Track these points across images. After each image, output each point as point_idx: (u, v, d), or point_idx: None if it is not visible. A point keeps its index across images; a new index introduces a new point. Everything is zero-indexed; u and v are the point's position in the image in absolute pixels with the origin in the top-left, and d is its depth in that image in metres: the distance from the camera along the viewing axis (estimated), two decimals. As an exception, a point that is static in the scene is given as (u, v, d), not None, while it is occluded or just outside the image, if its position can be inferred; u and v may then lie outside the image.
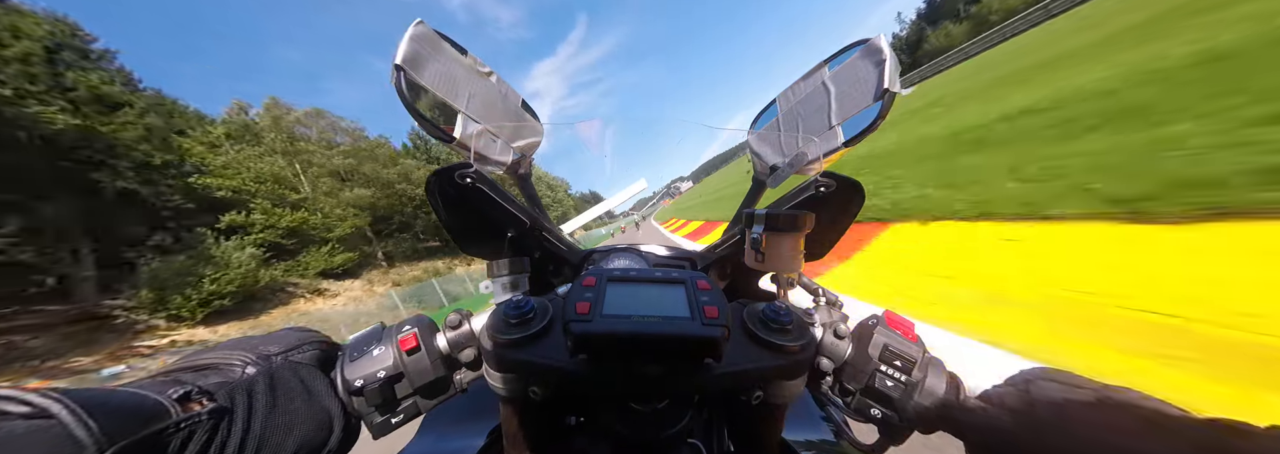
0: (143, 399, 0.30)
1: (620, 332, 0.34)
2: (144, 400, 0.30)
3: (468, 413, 0.69)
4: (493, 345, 0.39)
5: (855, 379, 0.43)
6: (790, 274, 0.48)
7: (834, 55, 0.69)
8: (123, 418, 0.28)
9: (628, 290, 0.39)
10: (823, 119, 0.67)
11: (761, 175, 0.80)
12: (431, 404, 0.44)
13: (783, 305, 0.41)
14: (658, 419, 0.43)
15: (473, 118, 0.64)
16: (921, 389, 0.41)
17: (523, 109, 0.90)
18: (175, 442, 0.29)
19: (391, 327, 0.45)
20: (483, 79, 0.77)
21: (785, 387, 0.42)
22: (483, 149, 0.65)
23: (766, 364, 0.38)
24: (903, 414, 0.41)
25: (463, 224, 0.59)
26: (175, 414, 0.30)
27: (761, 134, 0.83)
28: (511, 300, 0.41)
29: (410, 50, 0.54)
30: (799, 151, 0.70)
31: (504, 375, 0.41)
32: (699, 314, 0.35)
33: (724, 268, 0.77)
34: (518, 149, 0.84)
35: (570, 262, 0.77)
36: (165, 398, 0.31)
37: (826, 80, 0.69)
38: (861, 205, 0.56)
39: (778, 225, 0.46)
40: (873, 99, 0.57)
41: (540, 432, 0.48)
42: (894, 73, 0.55)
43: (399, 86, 0.53)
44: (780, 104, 0.82)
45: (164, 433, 0.29)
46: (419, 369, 0.41)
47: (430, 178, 0.53)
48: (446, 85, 0.60)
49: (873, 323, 0.45)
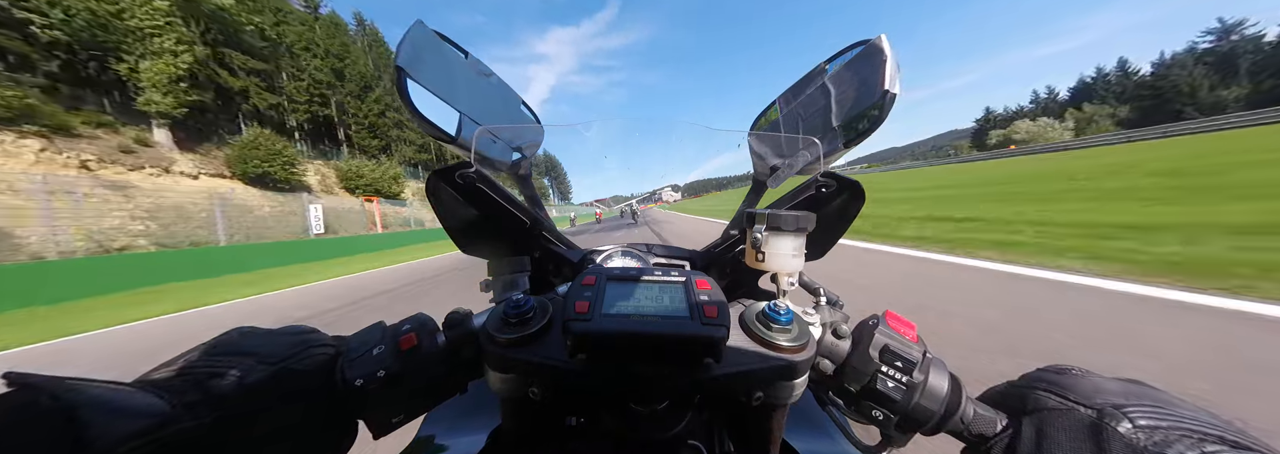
0: (148, 399, 0.30)
1: (619, 331, 0.34)
2: (149, 401, 0.30)
3: (468, 413, 0.69)
4: (492, 345, 0.39)
5: (856, 380, 0.43)
6: (790, 274, 0.48)
7: (835, 55, 0.69)
8: (128, 417, 0.28)
9: (627, 290, 0.39)
10: (823, 119, 0.67)
11: (762, 175, 0.80)
12: (431, 404, 0.44)
13: (783, 305, 0.41)
14: (658, 420, 0.43)
15: (473, 118, 0.65)
16: (923, 391, 0.41)
17: (523, 109, 0.91)
18: (177, 444, 0.29)
19: (391, 326, 0.45)
20: (483, 80, 0.77)
21: (786, 387, 0.41)
22: (483, 149, 0.66)
23: (766, 364, 0.38)
24: (904, 415, 0.41)
25: (462, 224, 0.59)
26: (184, 419, 0.30)
27: (762, 134, 0.83)
28: (511, 300, 0.41)
29: (410, 51, 0.55)
30: (799, 152, 0.70)
31: (503, 375, 0.41)
32: (698, 314, 0.35)
33: (724, 267, 0.77)
34: (517, 149, 0.84)
35: (570, 261, 0.77)
36: (169, 399, 0.30)
37: (827, 81, 0.69)
38: (862, 206, 0.56)
39: (779, 225, 0.46)
40: (873, 100, 0.57)
41: (540, 432, 0.48)
42: (894, 73, 0.55)
43: (400, 87, 0.53)
44: (780, 104, 0.82)
45: (167, 434, 0.29)
46: (419, 369, 0.41)
47: (430, 178, 0.53)
48: (446, 86, 0.61)
49: (873, 323, 0.45)
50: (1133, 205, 7.23)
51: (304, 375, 0.38)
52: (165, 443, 0.28)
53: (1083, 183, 11.68)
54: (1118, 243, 4.78)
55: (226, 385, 0.33)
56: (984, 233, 6.39)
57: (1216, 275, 3.32)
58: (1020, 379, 0.42)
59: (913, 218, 9.19)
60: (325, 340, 0.43)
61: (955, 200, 12.22)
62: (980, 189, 14.74)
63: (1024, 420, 0.37)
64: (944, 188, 17.79)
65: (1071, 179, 12.91)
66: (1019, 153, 52.25)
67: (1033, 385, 0.39)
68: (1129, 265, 3.88)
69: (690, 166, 0.84)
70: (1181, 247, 4.28)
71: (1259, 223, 4.77)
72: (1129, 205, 7.31)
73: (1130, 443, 0.31)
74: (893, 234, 7.30)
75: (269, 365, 0.37)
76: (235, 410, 0.33)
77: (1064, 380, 0.38)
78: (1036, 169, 20.09)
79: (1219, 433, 0.30)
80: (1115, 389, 0.36)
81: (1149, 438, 0.31)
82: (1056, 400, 0.36)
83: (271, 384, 0.36)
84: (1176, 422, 0.31)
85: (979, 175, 22.80)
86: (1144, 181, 10.04)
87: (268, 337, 0.41)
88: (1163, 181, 9.48)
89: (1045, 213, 7.58)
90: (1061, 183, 12.42)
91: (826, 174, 0.56)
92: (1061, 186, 11.52)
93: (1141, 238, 4.84)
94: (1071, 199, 9.05)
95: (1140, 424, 0.32)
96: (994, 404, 0.42)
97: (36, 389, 0.26)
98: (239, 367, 0.35)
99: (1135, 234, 5.06)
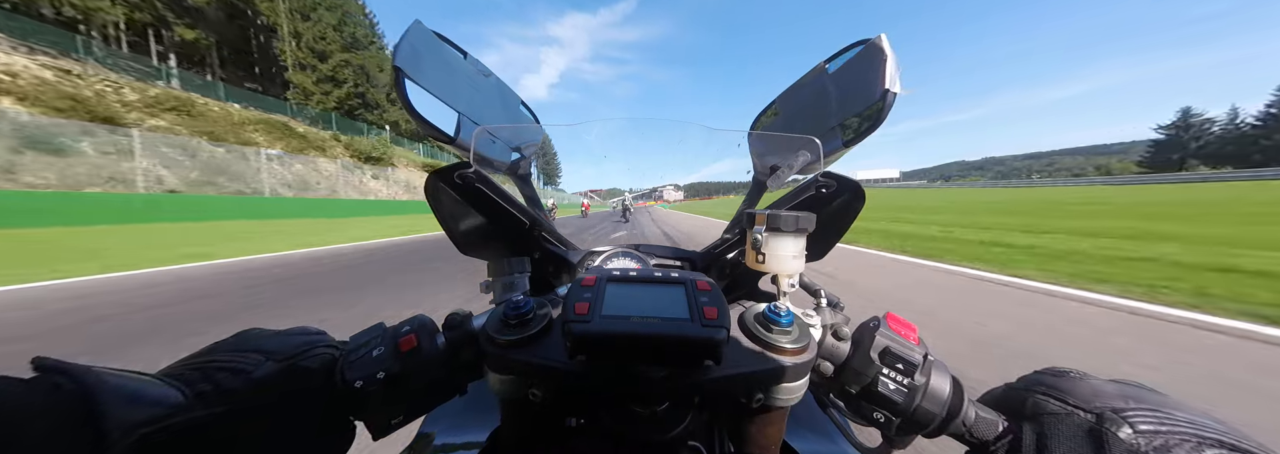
0: (164, 389, 0.31)
1: (619, 332, 0.34)
2: (165, 390, 0.31)
3: (468, 415, 0.69)
4: (492, 346, 0.39)
5: (856, 382, 0.42)
6: (791, 275, 0.47)
7: (835, 55, 0.68)
8: (145, 405, 0.29)
9: (627, 291, 0.39)
10: (823, 119, 0.67)
11: (762, 176, 0.79)
12: (431, 406, 0.44)
13: (783, 307, 0.41)
14: (658, 421, 0.42)
15: (472, 119, 0.64)
16: (924, 393, 0.41)
17: (522, 109, 0.90)
18: (189, 436, 0.30)
19: (391, 327, 0.45)
20: (481, 80, 0.77)
21: (786, 389, 0.41)
22: (482, 150, 0.65)
23: (767, 366, 0.38)
24: (905, 418, 0.41)
25: (462, 225, 0.59)
26: (195, 409, 0.31)
27: (761, 134, 0.82)
28: (510, 301, 0.41)
29: (409, 51, 0.54)
30: (799, 152, 0.70)
31: (503, 377, 0.41)
32: (698, 315, 0.35)
33: (724, 268, 0.77)
34: (517, 149, 0.84)
35: (570, 262, 0.77)
36: (188, 392, 0.32)
37: (827, 80, 0.69)
38: (862, 206, 0.56)
39: (779, 226, 0.45)
40: (874, 99, 0.56)
41: (541, 434, 0.47)
42: (895, 73, 0.55)
43: (398, 87, 0.53)
44: (781, 104, 0.82)
45: (182, 427, 0.30)
46: (418, 370, 0.41)
47: (429, 178, 0.53)
48: (446, 86, 0.61)
49: (874, 325, 0.45)
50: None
51: (308, 374, 0.39)
52: (176, 431, 0.30)
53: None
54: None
55: (236, 379, 0.35)
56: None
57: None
58: (1018, 381, 0.42)
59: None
60: (330, 341, 0.44)
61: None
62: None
63: (1024, 425, 0.37)
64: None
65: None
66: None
67: (1032, 388, 0.39)
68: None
69: (690, 165, 0.84)
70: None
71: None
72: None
73: (1131, 448, 0.30)
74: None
75: (277, 362, 0.38)
76: (243, 404, 0.34)
77: (1063, 384, 0.38)
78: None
79: (1219, 437, 0.30)
80: (1114, 393, 0.35)
81: (1149, 443, 0.30)
82: (1056, 404, 0.36)
83: (278, 380, 0.36)
84: (1176, 426, 0.31)
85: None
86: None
87: (277, 336, 0.41)
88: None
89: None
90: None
91: (827, 174, 0.56)
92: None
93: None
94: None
95: (1141, 429, 0.31)
96: (993, 406, 0.42)
97: (61, 374, 0.27)
98: (248, 362, 0.36)
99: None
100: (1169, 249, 6.58)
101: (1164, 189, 34.65)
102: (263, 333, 0.41)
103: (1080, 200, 18.47)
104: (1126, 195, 25.97)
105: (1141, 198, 22.46)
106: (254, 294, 4.66)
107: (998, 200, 21.17)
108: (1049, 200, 18.72)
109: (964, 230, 10.46)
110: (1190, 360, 2.63)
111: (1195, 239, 7.61)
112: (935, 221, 9.89)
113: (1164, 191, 29.91)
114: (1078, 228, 9.96)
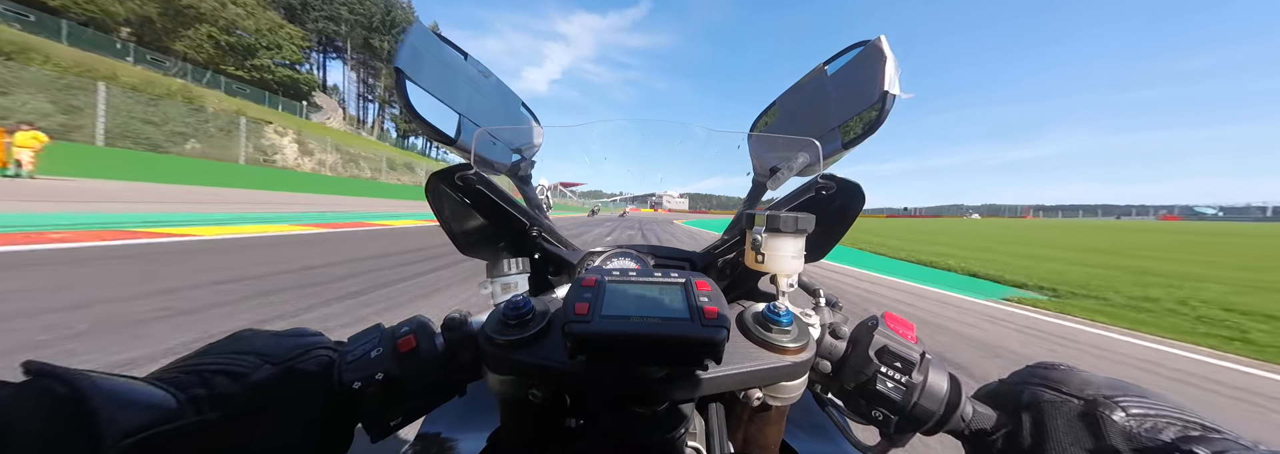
0: (158, 394, 0.30)
1: (619, 333, 0.34)
2: (158, 395, 0.30)
3: (467, 415, 0.68)
4: (491, 347, 0.39)
5: (855, 380, 0.43)
6: (790, 275, 0.48)
7: (834, 56, 0.69)
8: (137, 410, 0.28)
9: (627, 291, 0.39)
10: (823, 120, 0.67)
11: (761, 177, 0.80)
12: (430, 407, 0.44)
13: (782, 306, 0.41)
14: (658, 421, 0.42)
15: (472, 120, 0.64)
16: (922, 391, 0.41)
17: (522, 110, 0.91)
18: (184, 441, 0.30)
19: (389, 328, 0.45)
20: (482, 81, 0.77)
21: (785, 388, 0.41)
22: (482, 151, 0.65)
23: (766, 365, 0.38)
24: (903, 416, 0.41)
25: (462, 225, 0.59)
26: (189, 414, 0.30)
27: (761, 135, 0.83)
28: (510, 301, 0.41)
29: (410, 53, 0.54)
30: (799, 153, 0.70)
31: (503, 378, 0.40)
32: (698, 315, 0.35)
33: (723, 269, 0.77)
34: (517, 150, 0.84)
35: (570, 262, 0.77)
36: (182, 396, 0.31)
37: (827, 82, 0.69)
38: (862, 207, 0.56)
39: (779, 226, 0.46)
40: (873, 100, 0.56)
41: (540, 434, 0.47)
42: (894, 74, 0.55)
43: (399, 89, 0.53)
44: (780, 105, 0.82)
45: (176, 432, 0.29)
46: (417, 371, 0.41)
47: (430, 179, 0.53)
48: (446, 87, 0.61)
49: (872, 324, 0.45)
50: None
51: (305, 376, 0.38)
52: (169, 436, 0.29)
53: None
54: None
55: (233, 383, 0.34)
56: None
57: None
58: (1011, 377, 0.43)
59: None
60: (328, 343, 0.43)
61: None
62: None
63: (1021, 415, 0.38)
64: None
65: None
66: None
67: (1026, 381, 0.41)
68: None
69: (690, 170, 0.84)
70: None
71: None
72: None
73: (1124, 430, 0.33)
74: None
75: (273, 365, 0.37)
76: (238, 408, 0.33)
77: (1055, 375, 0.40)
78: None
79: (1200, 422, 0.33)
80: (1104, 383, 0.38)
81: (1140, 425, 0.33)
82: (1051, 393, 0.38)
83: (275, 383, 0.36)
84: (1164, 411, 0.34)
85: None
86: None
87: (274, 337, 0.41)
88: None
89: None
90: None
91: (826, 175, 0.56)
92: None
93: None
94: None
95: (1132, 413, 0.34)
96: (989, 402, 0.42)
97: (53, 378, 0.26)
98: (244, 365, 0.36)
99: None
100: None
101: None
102: (259, 334, 0.41)
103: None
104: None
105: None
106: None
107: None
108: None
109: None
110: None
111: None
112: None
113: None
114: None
